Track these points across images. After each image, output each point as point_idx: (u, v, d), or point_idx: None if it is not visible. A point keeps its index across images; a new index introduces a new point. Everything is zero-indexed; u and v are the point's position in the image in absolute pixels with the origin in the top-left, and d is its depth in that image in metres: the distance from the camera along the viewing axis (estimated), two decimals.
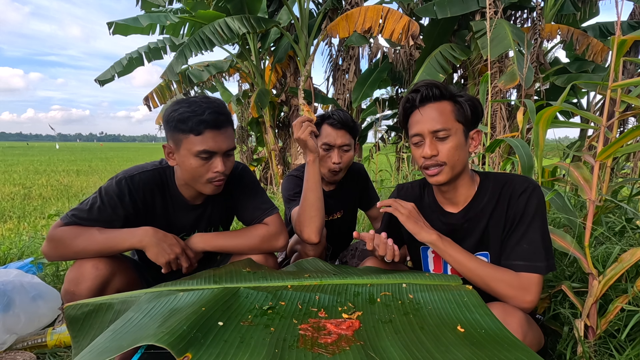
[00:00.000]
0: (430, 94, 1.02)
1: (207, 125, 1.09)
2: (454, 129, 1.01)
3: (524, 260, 0.97)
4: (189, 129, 1.09)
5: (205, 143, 1.10)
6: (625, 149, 1.17)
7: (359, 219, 2.90)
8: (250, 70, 5.88)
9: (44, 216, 4.32)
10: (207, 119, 1.09)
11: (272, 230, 1.30)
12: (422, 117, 1.03)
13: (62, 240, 1.09)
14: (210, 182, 1.17)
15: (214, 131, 1.11)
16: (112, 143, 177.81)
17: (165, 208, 1.25)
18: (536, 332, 0.97)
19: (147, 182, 1.20)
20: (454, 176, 1.05)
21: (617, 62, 1.16)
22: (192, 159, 1.12)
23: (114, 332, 0.76)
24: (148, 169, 1.22)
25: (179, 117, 1.09)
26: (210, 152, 1.12)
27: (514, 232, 1.01)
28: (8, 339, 1.42)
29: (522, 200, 1.01)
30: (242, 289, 0.96)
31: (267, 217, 1.33)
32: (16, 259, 2.44)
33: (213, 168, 1.14)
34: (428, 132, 1.02)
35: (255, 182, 1.39)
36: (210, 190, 1.19)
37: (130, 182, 1.17)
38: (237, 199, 1.35)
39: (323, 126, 1.59)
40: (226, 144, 1.14)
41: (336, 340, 0.75)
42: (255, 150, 6.94)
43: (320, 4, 6.04)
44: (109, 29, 5.21)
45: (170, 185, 1.25)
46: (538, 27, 4.27)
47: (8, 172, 10.66)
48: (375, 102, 6.24)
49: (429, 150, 1.02)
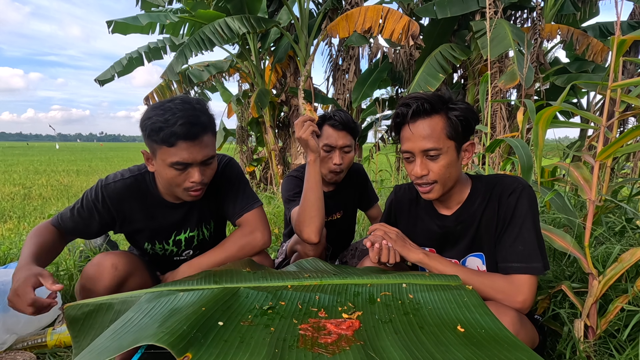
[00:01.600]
0: (421, 109, 0.99)
1: (179, 137, 1.03)
2: (445, 147, 0.99)
3: (519, 262, 0.97)
4: (161, 140, 1.04)
5: (178, 155, 1.05)
6: (625, 149, 1.17)
7: (359, 219, 2.90)
8: (250, 70, 5.88)
9: (44, 216, 4.32)
10: (178, 131, 1.02)
11: (247, 231, 1.27)
12: (412, 135, 1.00)
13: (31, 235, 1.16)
14: (187, 190, 1.14)
15: (188, 142, 1.05)
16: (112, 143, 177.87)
17: (146, 212, 1.24)
18: (529, 331, 0.97)
19: (121, 190, 1.20)
20: (446, 191, 1.06)
21: (616, 62, 1.16)
22: (167, 169, 1.08)
23: (114, 332, 0.76)
24: (126, 176, 1.22)
25: (152, 127, 1.04)
26: (184, 164, 1.07)
27: (506, 233, 1.01)
28: (8, 339, 1.42)
29: (512, 200, 1.01)
30: (242, 289, 0.96)
31: (246, 212, 1.29)
32: (16, 259, 2.44)
33: (189, 178, 1.10)
34: (419, 151, 1.00)
35: (238, 175, 1.34)
36: (189, 198, 1.17)
37: (105, 190, 1.19)
38: (220, 192, 1.32)
39: (324, 127, 1.59)
40: (202, 154, 1.09)
41: (336, 340, 0.75)
42: (255, 150, 6.93)
43: (320, 4, 6.04)
44: (108, 28, 5.21)
45: (150, 189, 1.23)
46: (538, 27, 4.27)
47: (8, 172, 10.66)
48: (375, 102, 6.24)
49: (419, 170, 1.01)
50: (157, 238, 1.30)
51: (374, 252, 1.05)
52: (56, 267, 2.08)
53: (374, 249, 1.05)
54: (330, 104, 5.72)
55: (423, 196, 1.08)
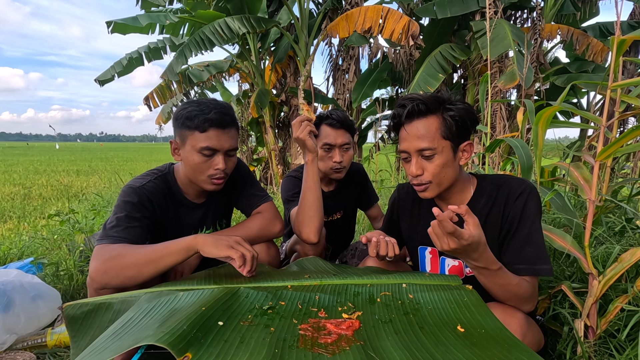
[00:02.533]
0: (416, 110, 1.00)
1: (211, 124, 1.16)
2: (440, 147, 1.00)
3: (528, 264, 0.97)
4: (195, 125, 1.16)
5: (208, 140, 1.16)
6: (625, 149, 1.17)
7: (359, 219, 2.90)
8: (250, 70, 5.88)
9: (44, 216, 4.32)
10: (212, 117, 1.15)
11: (268, 217, 1.37)
12: (408, 135, 1.02)
13: (114, 259, 1.00)
14: (210, 178, 1.22)
15: (218, 130, 1.17)
16: (112, 143, 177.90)
17: (175, 211, 1.30)
18: (536, 332, 0.97)
19: (157, 187, 1.23)
20: (442, 191, 1.06)
21: (616, 62, 1.16)
22: (196, 155, 1.18)
23: (114, 332, 0.76)
24: (152, 177, 1.24)
25: (187, 115, 1.16)
26: (212, 150, 1.18)
27: (515, 235, 1.01)
28: (8, 339, 1.42)
29: (520, 203, 1.01)
30: (242, 288, 0.96)
31: (263, 203, 1.41)
32: (16, 259, 2.44)
33: (214, 165, 1.19)
34: (414, 150, 1.02)
35: (249, 172, 1.46)
36: (210, 187, 1.24)
37: (146, 190, 1.19)
38: (234, 188, 1.41)
39: (322, 127, 1.59)
40: (229, 143, 1.20)
41: (336, 340, 0.75)
42: (255, 150, 6.93)
43: (320, 4, 6.04)
44: (108, 28, 5.21)
45: (174, 189, 1.29)
46: (538, 27, 4.27)
47: (8, 172, 10.65)
48: (375, 102, 6.23)
49: (414, 170, 1.03)
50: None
51: (371, 245, 1.06)
52: (56, 267, 2.08)
53: (371, 244, 1.07)
54: (330, 104, 5.72)
55: (419, 195, 1.08)
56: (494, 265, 0.88)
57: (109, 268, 0.99)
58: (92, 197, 5.35)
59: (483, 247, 0.84)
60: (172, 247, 1.03)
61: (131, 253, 1.02)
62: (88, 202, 4.75)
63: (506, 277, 0.91)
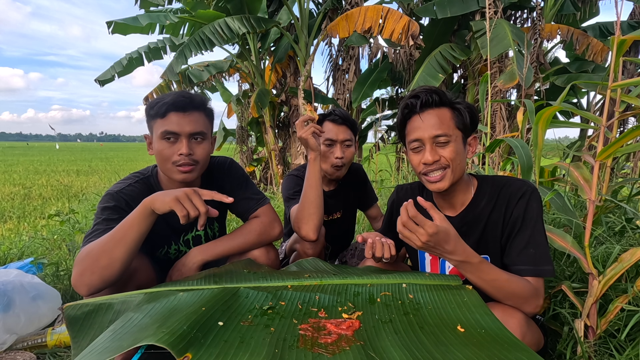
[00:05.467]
0: (431, 100, 1.02)
1: (169, 108, 1.15)
2: (454, 136, 1.02)
3: (531, 265, 0.97)
4: (155, 113, 1.16)
5: (169, 124, 1.15)
6: (625, 149, 1.17)
7: (359, 219, 2.90)
8: (250, 70, 5.88)
9: (44, 216, 4.32)
10: (170, 101, 1.15)
11: (266, 221, 1.33)
12: (423, 123, 1.02)
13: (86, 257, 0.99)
14: (175, 165, 1.17)
15: (178, 113, 1.15)
16: (112, 143, 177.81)
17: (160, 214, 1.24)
18: (535, 332, 0.97)
19: (136, 190, 1.20)
20: (454, 182, 1.05)
21: (616, 62, 1.16)
22: (159, 142, 1.17)
23: (114, 332, 0.76)
24: (132, 181, 1.23)
25: (150, 105, 1.18)
26: (173, 133, 1.15)
27: (517, 236, 1.01)
28: (8, 339, 1.42)
29: (522, 204, 1.01)
30: (242, 289, 0.96)
31: (260, 207, 1.36)
32: (16, 259, 2.44)
33: (177, 150, 1.16)
34: (429, 137, 1.02)
35: (245, 174, 1.42)
36: (179, 176, 1.18)
37: (123, 194, 1.17)
38: (229, 192, 1.31)
39: (325, 123, 1.61)
40: (190, 127, 1.17)
41: (336, 340, 0.75)
42: (255, 150, 6.93)
43: (320, 4, 6.04)
44: (108, 28, 5.22)
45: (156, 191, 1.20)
46: (538, 27, 4.27)
47: (8, 172, 10.65)
48: (375, 102, 6.24)
49: (430, 156, 1.02)
50: (173, 239, 1.31)
51: (367, 246, 1.06)
52: (56, 267, 2.08)
53: (367, 245, 1.06)
54: (330, 104, 5.72)
55: (432, 187, 1.06)
56: (474, 257, 0.90)
57: (83, 269, 0.97)
58: (92, 197, 5.35)
59: (455, 238, 0.88)
60: (129, 218, 1.01)
61: (97, 243, 1.00)
62: (88, 202, 4.74)
63: (493, 273, 0.92)
